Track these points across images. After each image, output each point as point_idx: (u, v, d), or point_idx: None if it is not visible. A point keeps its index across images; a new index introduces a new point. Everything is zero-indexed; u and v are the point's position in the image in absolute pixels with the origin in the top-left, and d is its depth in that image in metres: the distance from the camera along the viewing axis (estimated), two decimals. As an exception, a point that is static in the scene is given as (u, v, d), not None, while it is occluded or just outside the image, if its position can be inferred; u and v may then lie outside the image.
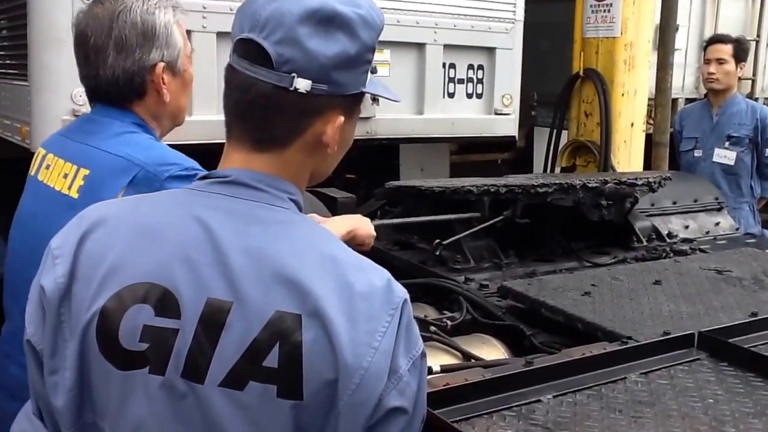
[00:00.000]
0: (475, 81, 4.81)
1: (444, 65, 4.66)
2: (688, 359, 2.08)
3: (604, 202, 3.29)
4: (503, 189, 3.09)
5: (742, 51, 5.30)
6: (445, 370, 2.09)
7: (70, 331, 1.25)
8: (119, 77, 1.91)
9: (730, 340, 2.14)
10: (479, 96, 4.84)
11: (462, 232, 3.10)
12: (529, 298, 2.53)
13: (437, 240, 3.00)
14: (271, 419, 1.17)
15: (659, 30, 5.82)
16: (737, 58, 5.22)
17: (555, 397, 1.83)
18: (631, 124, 5.44)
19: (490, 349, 2.37)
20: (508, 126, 4.97)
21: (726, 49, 5.21)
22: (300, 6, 1.25)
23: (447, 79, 4.69)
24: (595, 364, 1.99)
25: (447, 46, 4.62)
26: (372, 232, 2.18)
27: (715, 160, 5.27)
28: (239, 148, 1.32)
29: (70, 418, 1.25)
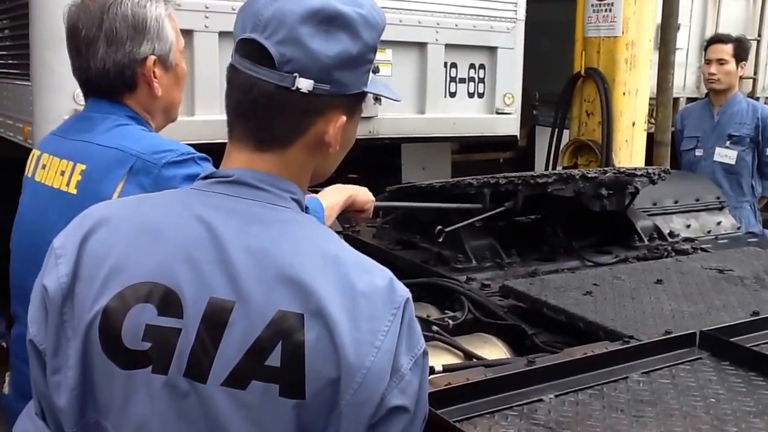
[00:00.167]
0: (476, 80, 4.81)
1: (446, 65, 4.66)
2: (690, 358, 2.08)
3: (604, 192, 3.28)
4: (503, 181, 3.09)
5: (742, 50, 5.29)
6: (446, 369, 2.08)
7: (72, 330, 1.25)
8: (110, 69, 1.91)
9: (732, 340, 2.14)
10: (481, 95, 4.84)
11: (464, 221, 3.08)
12: (530, 297, 2.53)
13: (439, 227, 2.99)
14: (273, 418, 1.17)
15: (660, 29, 5.82)
16: (738, 58, 5.22)
17: (557, 396, 1.83)
18: (633, 124, 5.43)
19: (492, 349, 2.36)
20: (510, 125, 4.98)
21: (726, 49, 5.21)
22: (302, 6, 1.26)
23: (449, 78, 4.69)
24: (597, 364, 1.99)
25: (449, 45, 4.63)
26: (370, 197, 2.17)
27: (716, 159, 5.27)
28: (241, 147, 1.32)
29: (73, 417, 1.26)
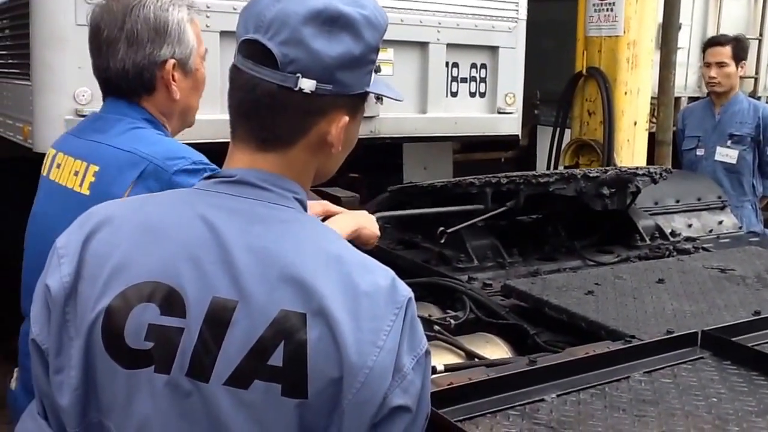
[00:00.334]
0: (478, 80, 4.81)
1: (447, 64, 4.65)
2: (692, 358, 2.08)
3: (606, 191, 3.28)
4: (505, 180, 3.09)
5: (741, 50, 5.28)
6: (448, 369, 2.09)
7: (75, 330, 1.25)
8: (129, 70, 1.93)
9: (734, 339, 2.14)
10: (482, 95, 4.83)
11: (466, 221, 3.08)
12: (532, 297, 2.53)
13: (441, 228, 2.99)
14: (275, 418, 1.17)
15: (662, 28, 5.81)
16: (737, 58, 5.21)
17: (559, 396, 1.83)
18: (634, 123, 5.43)
19: (494, 348, 2.37)
20: (511, 125, 4.97)
21: (725, 52, 5.19)
22: (304, 7, 1.26)
23: (450, 78, 4.69)
24: (599, 363, 1.99)
25: (450, 45, 4.61)
26: (376, 232, 2.18)
27: (717, 158, 5.27)
28: (244, 147, 1.33)
29: (75, 417, 1.25)
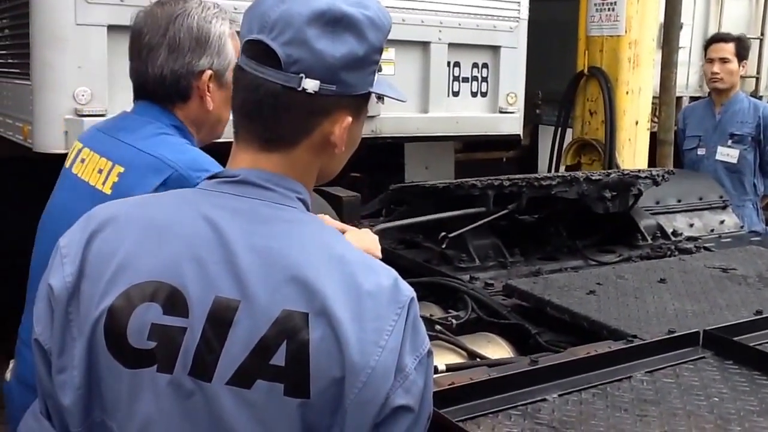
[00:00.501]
0: (479, 79, 4.81)
1: (449, 64, 4.65)
2: (693, 358, 2.08)
3: (608, 194, 3.28)
4: (507, 182, 3.09)
5: (743, 49, 5.28)
6: (450, 369, 2.08)
7: (78, 329, 1.25)
8: (166, 77, 1.95)
9: (735, 339, 2.14)
10: (484, 94, 4.83)
11: (467, 224, 3.08)
12: (534, 296, 2.53)
13: (443, 233, 2.99)
14: (278, 418, 1.17)
15: (663, 28, 5.82)
16: (740, 57, 5.21)
17: (560, 395, 1.84)
18: (636, 123, 5.43)
19: (496, 348, 2.37)
20: (513, 124, 4.97)
21: (728, 48, 5.19)
22: (308, 7, 1.26)
23: (452, 77, 4.69)
24: (601, 363, 1.99)
25: (452, 44, 4.62)
26: (378, 255, 2.18)
27: (718, 158, 5.26)
28: (247, 147, 1.33)
29: (78, 416, 1.26)
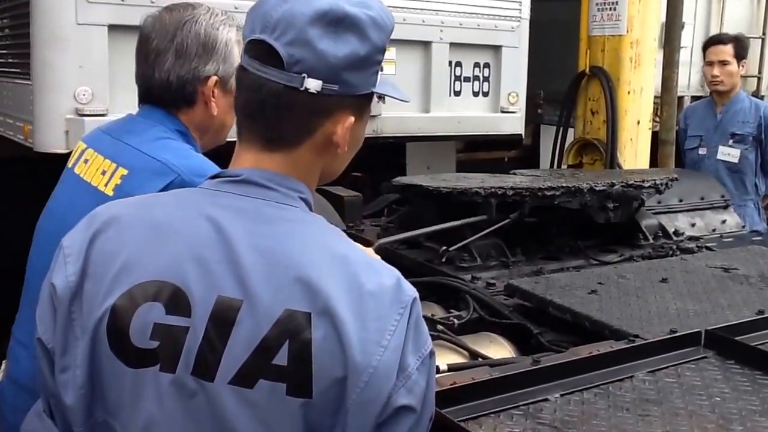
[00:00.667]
0: (481, 79, 4.81)
1: (450, 63, 4.65)
2: (695, 357, 2.08)
3: (610, 204, 3.29)
4: (510, 191, 3.09)
5: (742, 49, 5.27)
6: (452, 369, 2.08)
7: (81, 329, 1.25)
8: (172, 82, 1.96)
9: (737, 338, 2.14)
10: (485, 94, 4.84)
11: (469, 235, 3.09)
12: (536, 296, 2.53)
13: (444, 247, 3.00)
14: (280, 417, 1.17)
15: (665, 28, 5.81)
16: (738, 57, 5.20)
17: (562, 395, 1.84)
18: (638, 122, 5.43)
19: (497, 348, 2.37)
20: (515, 124, 4.97)
21: (727, 50, 5.18)
22: (311, 7, 1.26)
23: (453, 77, 4.69)
24: (602, 363, 1.99)
25: (453, 44, 4.62)
26: None
27: (720, 157, 5.26)
28: (250, 147, 1.33)
29: (81, 416, 1.26)
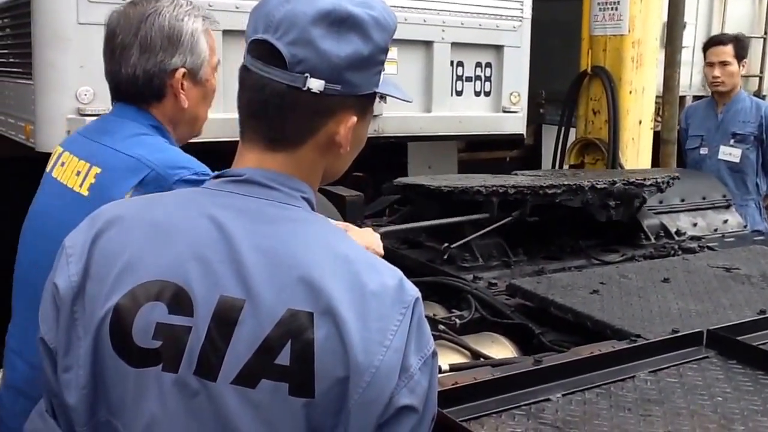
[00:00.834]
0: (483, 79, 4.81)
1: (452, 63, 4.65)
2: (697, 357, 2.08)
3: (612, 202, 3.29)
4: (512, 190, 3.09)
5: (742, 48, 5.26)
6: (454, 369, 2.09)
7: (83, 328, 1.25)
8: (139, 76, 1.95)
9: (739, 338, 2.15)
10: (487, 94, 4.84)
11: (471, 232, 3.09)
12: (537, 296, 2.53)
13: (446, 244, 3.00)
14: (283, 417, 1.17)
15: (667, 27, 5.80)
16: (739, 57, 5.18)
17: (564, 395, 1.84)
18: (639, 122, 5.43)
19: (499, 348, 2.37)
20: (516, 124, 4.97)
21: (727, 50, 5.17)
22: (313, 7, 1.26)
23: (455, 77, 4.69)
24: (604, 363, 1.99)
25: (455, 44, 4.62)
26: (380, 252, 2.19)
27: (721, 157, 5.25)
28: (252, 147, 1.33)
29: (84, 415, 1.26)
